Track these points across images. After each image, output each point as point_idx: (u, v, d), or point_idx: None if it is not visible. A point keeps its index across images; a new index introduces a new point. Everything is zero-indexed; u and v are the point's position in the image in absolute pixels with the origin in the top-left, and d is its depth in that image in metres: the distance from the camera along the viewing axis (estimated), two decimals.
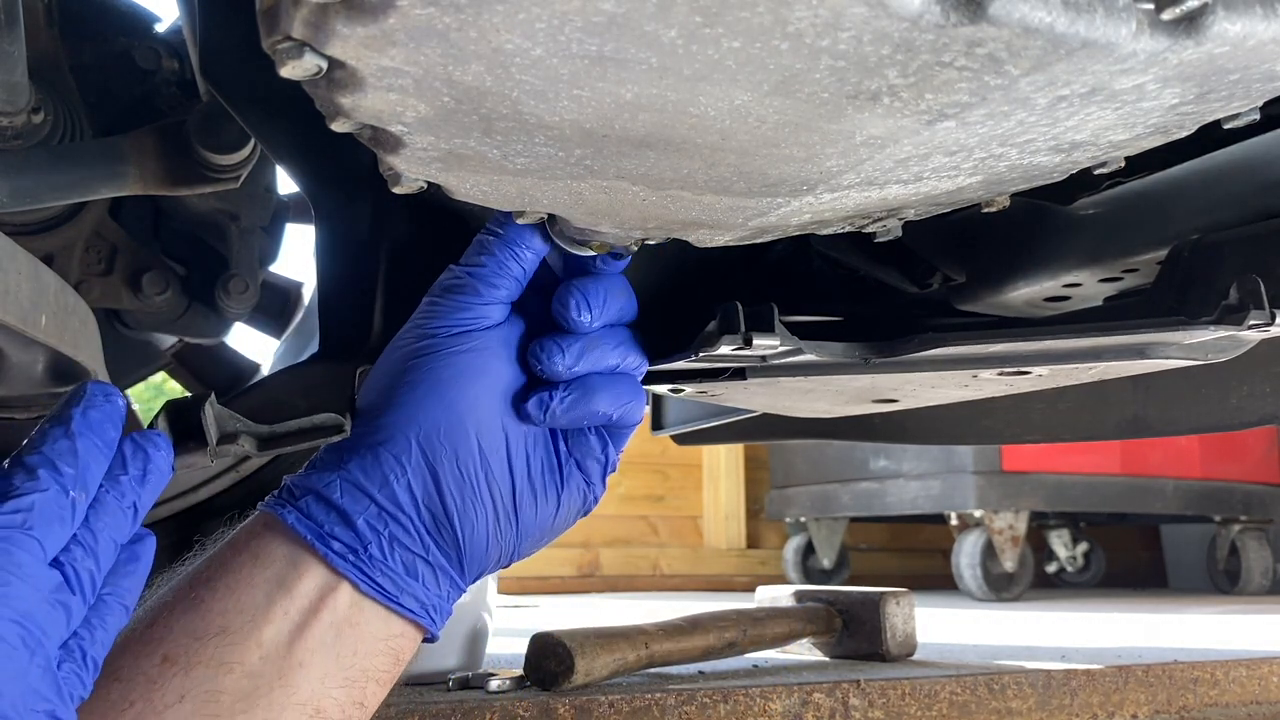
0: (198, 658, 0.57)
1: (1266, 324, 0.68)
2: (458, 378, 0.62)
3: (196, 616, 0.58)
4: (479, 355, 0.63)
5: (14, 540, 0.48)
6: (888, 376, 0.79)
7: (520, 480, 0.63)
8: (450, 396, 0.61)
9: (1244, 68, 0.45)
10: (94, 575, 0.52)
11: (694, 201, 0.56)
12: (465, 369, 0.62)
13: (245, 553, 0.60)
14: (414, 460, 0.60)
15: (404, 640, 0.62)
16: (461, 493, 0.61)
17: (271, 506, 0.61)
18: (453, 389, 0.62)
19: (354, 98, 0.44)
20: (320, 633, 0.59)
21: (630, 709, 1.11)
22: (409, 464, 0.60)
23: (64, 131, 1.11)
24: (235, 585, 0.59)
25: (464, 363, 0.62)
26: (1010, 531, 3.73)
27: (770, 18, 0.39)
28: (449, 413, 0.61)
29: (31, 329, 0.61)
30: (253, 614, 0.58)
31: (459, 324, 0.63)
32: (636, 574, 4.53)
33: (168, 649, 0.57)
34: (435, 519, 0.61)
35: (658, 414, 1.20)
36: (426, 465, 0.60)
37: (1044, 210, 0.82)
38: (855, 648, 1.50)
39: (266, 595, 0.59)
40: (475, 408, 0.62)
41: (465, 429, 0.61)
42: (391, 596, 0.60)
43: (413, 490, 0.60)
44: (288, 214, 1.37)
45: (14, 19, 0.88)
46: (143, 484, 0.55)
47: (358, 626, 0.60)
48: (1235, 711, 1.48)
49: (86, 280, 1.24)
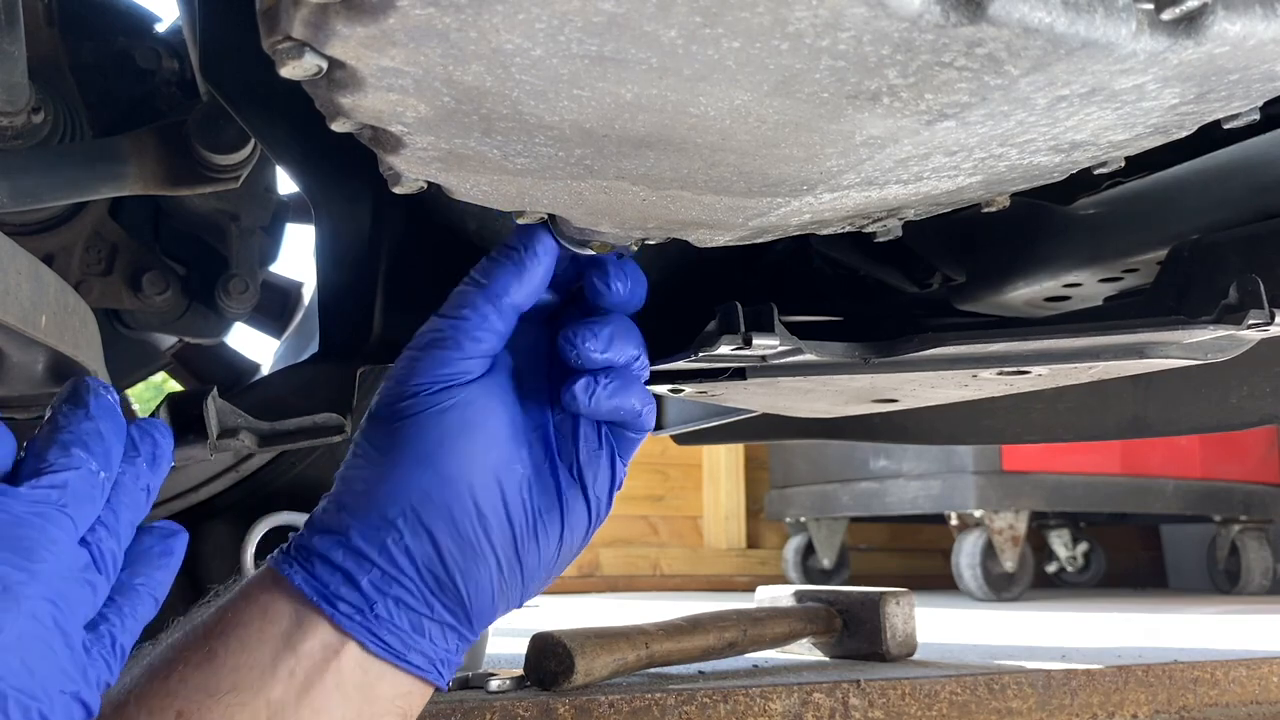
0: (209, 715, 0.57)
1: (1266, 323, 0.68)
2: (445, 439, 0.61)
3: (210, 671, 0.58)
4: (465, 410, 0.62)
5: (50, 517, 0.49)
6: (887, 376, 0.79)
7: (520, 528, 0.62)
8: (440, 461, 0.61)
9: (1244, 68, 0.45)
10: (116, 555, 0.52)
11: (694, 201, 0.56)
12: (451, 429, 0.61)
13: (255, 606, 0.60)
14: (410, 526, 0.60)
15: (412, 697, 0.61)
16: (462, 553, 0.60)
17: (278, 564, 0.61)
18: (441, 452, 0.61)
19: (354, 98, 0.44)
20: (326, 693, 0.58)
21: (630, 709, 1.11)
22: (405, 530, 0.60)
23: (64, 131, 1.11)
24: (246, 641, 0.59)
25: (450, 421, 0.61)
26: (1010, 531, 3.73)
27: (770, 18, 0.39)
28: (439, 477, 0.61)
29: (31, 329, 0.61)
30: (260, 672, 0.58)
31: (441, 379, 0.62)
32: (636, 574, 4.53)
33: (181, 704, 0.57)
34: (438, 580, 0.60)
35: (658, 414, 1.20)
36: (424, 530, 0.60)
37: (1044, 210, 0.82)
38: (855, 648, 1.50)
39: (273, 654, 0.59)
40: (467, 468, 0.61)
41: (458, 491, 0.61)
42: (399, 654, 0.60)
43: (412, 555, 0.60)
44: (288, 214, 1.37)
45: (14, 19, 0.88)
46: (153, 467, 0.56)
47: (364, 686, 0.59)
48: (1235, 711, 1.48)
49: (86, 280, 1.24)
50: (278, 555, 0.62)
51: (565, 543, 0.64)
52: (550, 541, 0.63)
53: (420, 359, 0.62)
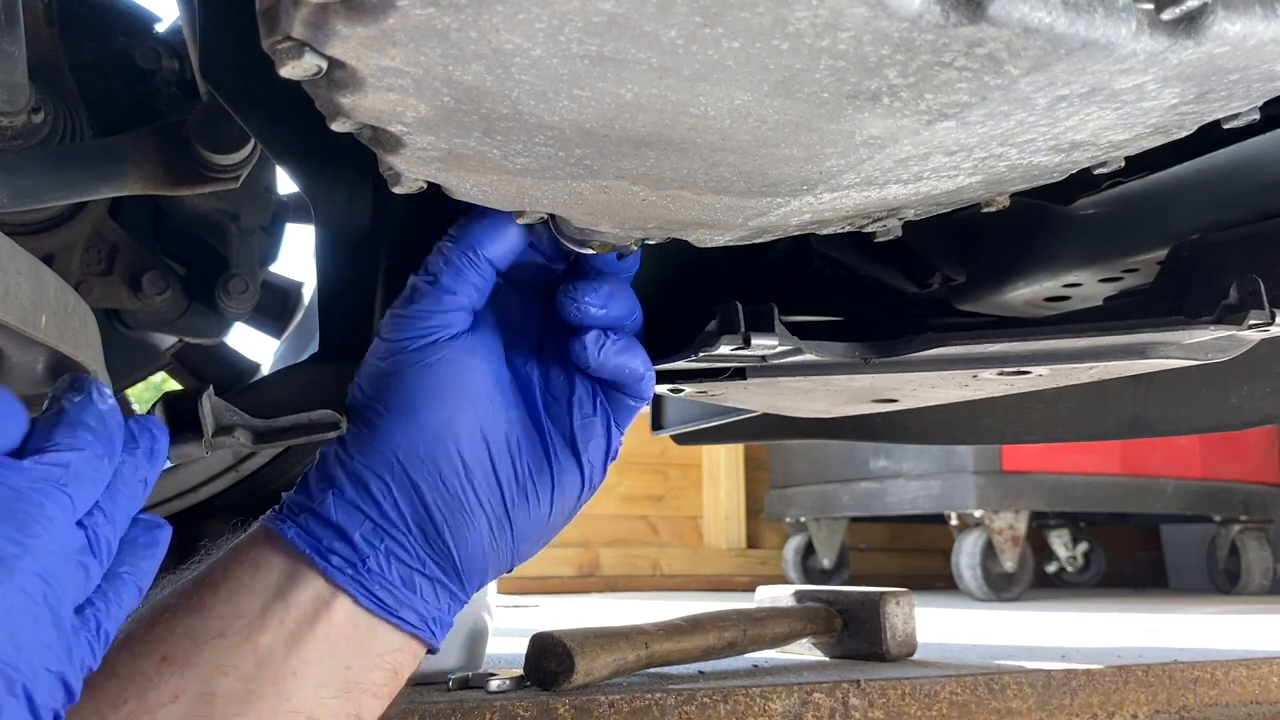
0: (194, 660, 0.57)
1: (1266, 324, 0.68)
2: (429, 393, 0.62)
3: (197, 619, 0.58)
4: (448, 366, 0.62)
5: (49, 495, 0.49)
6: (888, 376, 0.79)
7: (509, 486, 0.62)
8: (424, 414, 0.61)
9: (1244, 68, 0.45)
10: (111, 543, 0.52)
11: (694, 201, 0.56)
12: (436, 383, 0.62)
13: (246, 560, 0.61)
14: (397, 479, 0.60)
15: (403, 655, 0.62)
16: (449, 507, 0.61)
17: (270, 521, 0.62)
18: (425, 405, 0.61)
19: (354, 98, 0.44)
20: (316, 644, 0.59)
21: (630, 709, 1.11)
22: (393, 483, 0.60)
23: (64, 131, 1.11)
24: (236, 591, 0.59)
25: (434, 376, 0.62)
26: (1010, 531, 3.73)
27: (770, 18, 0.39)
28: (424, 431, 0.61)
29: (31, 329, 0.61)
30: (249, 619, 0.58)
31: (423, 334, 0.62)
32: (636, 574, 4.53)
33: (166, 649, 0.57)
34: (426, 535, 0.61)
35: (658, 414, 1.20)
36: (410, 483, 0.60)
37: (1044, 210, 0.82)
38: (855, 648, 1.50)
39: (264, 603, 0.59)
40: (451, 421, 0.61)
41: (444, 444, 0.61)
42: (391, 610, 0.60)
43: (400, 509, 0.60)
44: (288, 214, 1.37)
45: (14, 19, 0.88)
46: (151, 461, 0.56)
47: (355, 640, 0.60)
48: (1235, 711, 1.48)
49: (86, 280, 1.24)
50: (270, 514, 0.62)
51: (556, 506, 0.64)
52: (541, 502, 0.63)
53: (403, 316, 0.63)
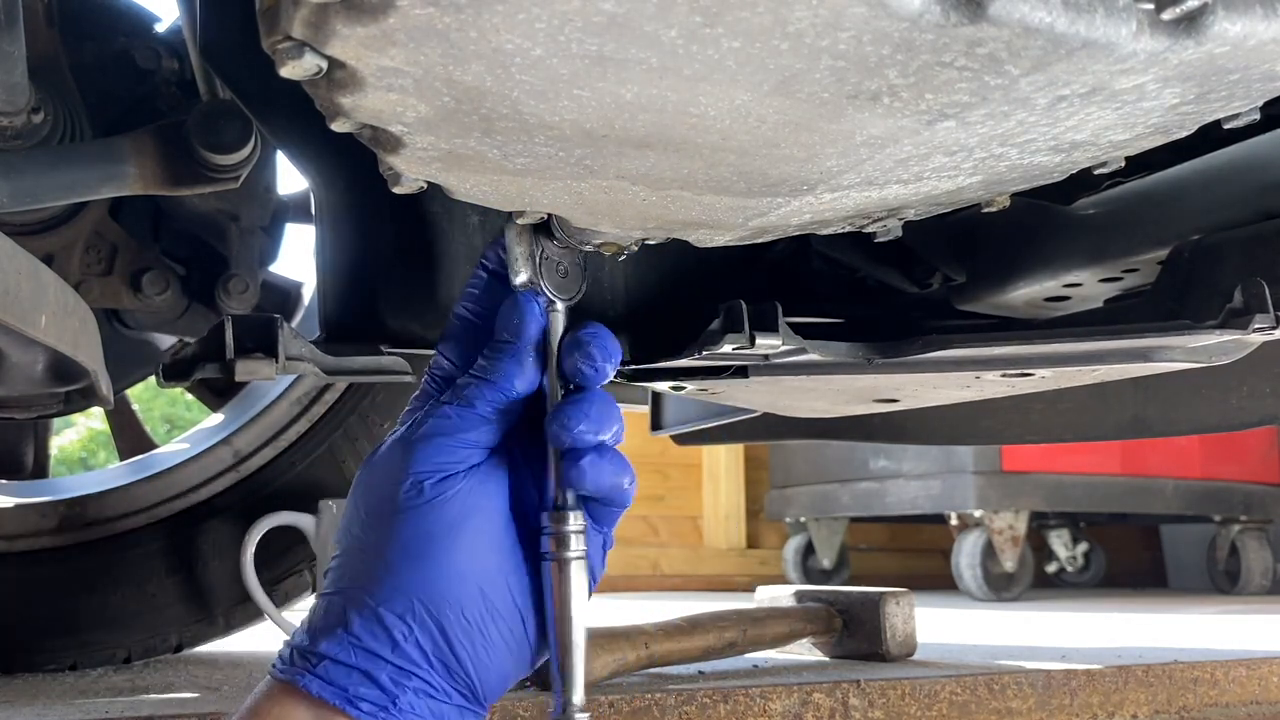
0: None
1: (1270, 327, 0.68)
2: (451, 529, 0.61)
3: None
4: (467, 499, 0.61)
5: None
6: (890, 377, 0.79)
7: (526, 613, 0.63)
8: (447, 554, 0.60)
9: (1244, 68, 0.45)
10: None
11: (694, 201, 0.56)
12: (456, 518, 0.61)
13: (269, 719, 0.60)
14: (419, 619, 0.60)
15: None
16: (472, 641, 0.60)
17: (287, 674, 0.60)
18: (447, 543, 0.61)
19: (354, 98, 0.44)
20: None
21: (630, 709, 1.11)
22: (414, 624, 0.60)
23: (64, 131, 1.11)
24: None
25: (454, 510, 0.61)
26: (1010, 531, 3.73)
27: (770, 18, 0.38)
28: (448, 569, 0.60)
29: (31, 329, 0.61)
30: None
31: (444, 468, 0.61)
32: (636, 574, 4.53)
33: None
34: (449, 669, 0.60)
35: (658, 414, 1.20)
36: (433, 622, 0.60)
37: (1044, 210, 0.82)
38: (855, 648, 1.49)
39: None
40: (474, 556, 0.61)
41: (465, 580, 0.61)
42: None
43: (423, 648, 0.60)
44: (288, 214, 1.37)
45: (14, 19, 0.89)
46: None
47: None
48: (1235, 711, 1.48)
49: (86, 280, 1.25)
50: (281, 666, 0.61)
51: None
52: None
53: (421, 447, 0.62)
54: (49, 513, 1.37)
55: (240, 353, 0.66)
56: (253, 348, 0.66)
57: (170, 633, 1.40)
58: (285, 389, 1.46)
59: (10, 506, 1.36)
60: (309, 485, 1.45)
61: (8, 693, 1.17)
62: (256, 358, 0.63)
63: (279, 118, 0.73)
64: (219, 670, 1.31)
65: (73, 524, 1.37)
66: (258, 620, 1.45)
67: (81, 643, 1.35)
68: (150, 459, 1.51)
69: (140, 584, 1.38)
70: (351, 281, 0.75)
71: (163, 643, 1.40)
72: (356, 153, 0.73)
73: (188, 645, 1.42)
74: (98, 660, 1.36)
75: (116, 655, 1.37)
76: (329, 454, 1.46)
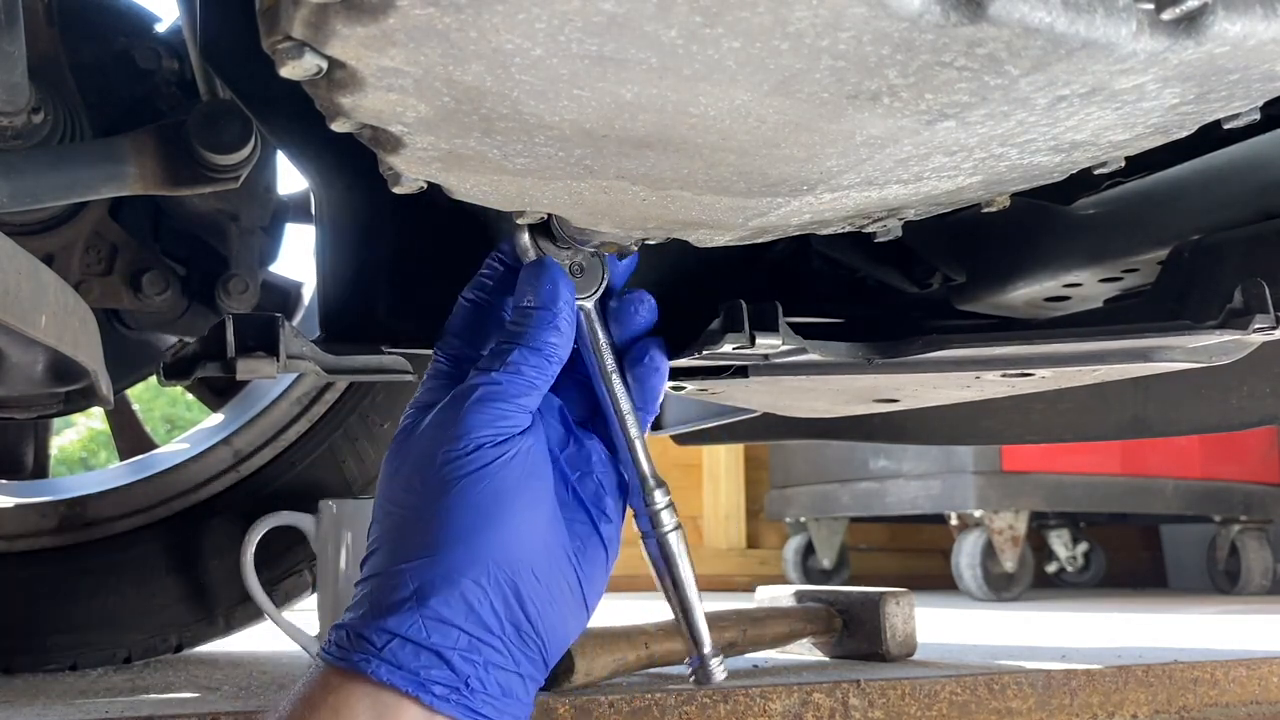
0: None
1: (1270, 327, 0.68)
2: (515, 489, 0.61)
3: None
4: (526, 458, 0.62)
5: None
6: (890, 377, 0.79)
7: (579, 565, 0.64)
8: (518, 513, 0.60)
9: (1244, 68, 0.45)
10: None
11: (694, 201, 0.56)
12: (521, 477, 0.61)
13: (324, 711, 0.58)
14: (493, 582, 0.59)
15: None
16: (540, 600, 0.61)
17: (351, 661, 0.58)
18: (515, 503, 0.61)
19: (354, 98, 0.44)
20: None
21: (630, 709, 1.11)
22: (489, 587, 0.59)
23: (64, 131, 1.11)
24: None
25: (518, 470, 0.61)
26: (1010, 531, 3.73)
27: (770, 18, 0.39)
28: (519, 528, 0.60)
29: (31, 329, 0.61)
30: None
31: (503, 431, 0.62)
32: (636, 574, 4.52)
33: None
34: (520, 632, 0.60)
35: (658, 414, 1.20)
36: (507, 583, 0.59)
37: (1044, 210, 0.82)
38: (855, 648, 1.49)
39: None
40: (537, 514, 0.62)
41: (535, 538, 0.61)
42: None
43: (496, 611, 0.59)
44: (288, 214, 1.37)
45: (14, 19, 0.89)
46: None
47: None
48: (1235, 711, 1.48)
49: (86, 280, 1.25)
50: (337, 652, 0.59)
51: (611, 554, 0.67)
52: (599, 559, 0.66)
53: (477, 412, 0.62)
54: (49, 513, 1.37)
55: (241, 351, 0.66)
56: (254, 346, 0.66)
57: (170, 633, 1.40)
58: (285, 389, 1.46)
59: (10, 506, 1.36)
60: (309, 485, 1.45)
61: (8, 693, 1.17)
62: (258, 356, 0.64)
63: (279, 118, 0.73)
64: (219, 670, 1.31)
65: (73, 524, 1.37)
66: (258, 620, 1.45)
67: (81, 643, 1.35)
68: (150, 459, 1.51)
69: (140, 584, 1.38)
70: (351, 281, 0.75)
71: (163, 643, 1.40)
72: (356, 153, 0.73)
73: (188, 645, 1.42)
74: (98, 660, 1.36)
75: (116, 655, 1.37)
76: (329, 454, 1.46)
